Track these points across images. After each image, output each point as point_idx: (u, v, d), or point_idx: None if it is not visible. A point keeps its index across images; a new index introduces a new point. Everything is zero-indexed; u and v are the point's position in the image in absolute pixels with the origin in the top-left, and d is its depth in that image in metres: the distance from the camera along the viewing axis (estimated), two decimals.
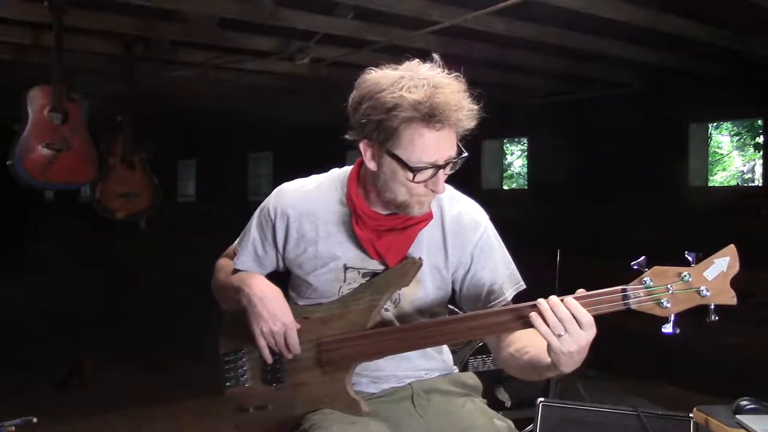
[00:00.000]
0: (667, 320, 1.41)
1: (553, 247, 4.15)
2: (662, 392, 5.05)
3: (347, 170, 1.71)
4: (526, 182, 8.71)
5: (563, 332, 1.38)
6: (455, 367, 1.85)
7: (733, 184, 13.62)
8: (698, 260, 1.41)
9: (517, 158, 14.61)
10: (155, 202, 5.00)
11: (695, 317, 1.47)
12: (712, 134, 10.61)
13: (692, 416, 2.39)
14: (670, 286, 1.40)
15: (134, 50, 4.66)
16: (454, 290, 1.73)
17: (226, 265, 1.84)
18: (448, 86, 1.48)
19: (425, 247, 1.66)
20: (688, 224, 5.68)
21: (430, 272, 1.68)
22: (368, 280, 1.65)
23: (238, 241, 1.82)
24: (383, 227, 1.62)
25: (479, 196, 1.77)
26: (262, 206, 1.76)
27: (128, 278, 10.25)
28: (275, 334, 1.64)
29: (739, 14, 4.27)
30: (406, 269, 1.62)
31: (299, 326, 1.66)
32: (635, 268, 1.43)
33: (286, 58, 5.01)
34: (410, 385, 1.72)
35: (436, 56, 1.54)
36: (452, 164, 1.54)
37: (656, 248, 1.47)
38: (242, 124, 9.61)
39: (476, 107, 1.51)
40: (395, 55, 1.57)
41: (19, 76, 4.81)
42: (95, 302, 8.90)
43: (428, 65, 1.52)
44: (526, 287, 1.71)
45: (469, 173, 7.46)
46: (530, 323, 1.45)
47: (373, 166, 1.57)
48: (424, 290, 1.68)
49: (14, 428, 2.53)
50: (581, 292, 1.44)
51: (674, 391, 5.15)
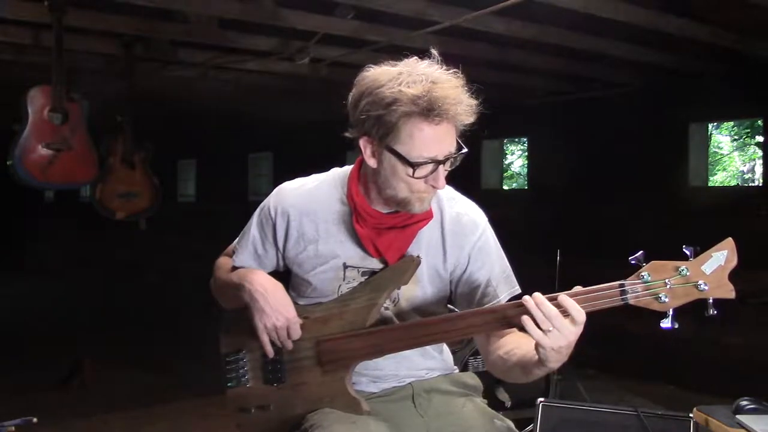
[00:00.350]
0: (665, 315, 1.41)
1: (553, 247, 4.15)
2: (662, 392, 5.06)
3: (348, 169, 1.71)
4: (526, 182, 8.70)
5: (551, 328, 1.37)
6: (455, 367, 1.85)
7: (733, 184, 13.61)
8: (696, 254, 1.40)
9: (517, 158, 14.61)
10: (155, 202, 5.00)
11: (695, 318, 1.47)
12: (712, 134, 10.60)
13: (692, 416, 2.39)
14: (668, 280, 1.40)
15: (134, 50, 4.66)
16: (450, 290, 1.73)
17: (225, 263, 1.84)
18: (446, 81, 1.48)
19: (424, 246, 1.66)
20: (688, 224, 5.67)
21: (428, 272, 1.68)
22: (367, 278, 1.66)
23: (237, 240, 1.82)
24: (384, 225, 1.62)
25: (479, 196, 1.77)
26: (262, 205, 1.77)
27: (128, 278, 10.25)
28: (278, 329, 1.64)
29: (739, 14, 4.27)
30: (404, 267, 1.62)
31: (302, 321, 1.66)
32: (633, 263, 1.42)
33: (286, 58, 5.00)
34: (410, 384, 1.72)
35: (434, 52, 1.54)
36: (452, 160, 1.54)
37: (656, 248, 1.47)
38: (242, 124, 9.60)
39: (475, 102, 1.51)
40: (395, 55, 1.57)
41: (19, 76, 4.82)
42: (95, 302, 8.90)
43: (427, 62, 1.53)
44: (524, 281, 1.71)
45: (469, 173, 7.46)
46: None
47: (373, 162, 1.57)
48: (422, 290, 1.68)
49: (14, 428, 2.53)
50: (578, 288, 1.44)
51: (674, 391, 5.15)
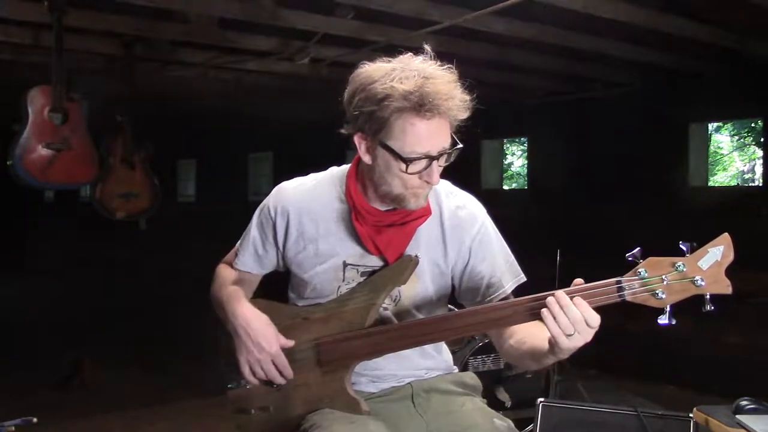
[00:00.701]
0: (662, 311, 1.41)
1: (553, 247, 4.15)
2: (662, 392, 5.06)
3: (346, 168, 1.71)
4: (526, 182, 8.70)
5: (573, 332, 1.39)
6: (455, 366, 1.85)
7: (733, 184, 13.62)
8: (692, 250, 1.40)
9: (517, 158, 14.61)
10: (155, 202, 5.00)
11: (695, 317, 1.47)
12: (712, 134, 10.60)
13: (692, 416, 2.39)
14: (664, 276, 1.40)
15: (134, 50, 4.66)
16: (453, 286, 1.72)
17: (223, 274, 1.83)
18: (439, 77, 1.48)
19: (424, 242, 1.66)
20: (688, 224, 5.67)
21: (429, 267, 1.68)
22: (366, 278, 1.65)
23: (239, 242, 1.83)
24: (383, 223, 1.63)
25: (479, 196, 1.76)
26: (262, 205, 1.77)
27: (128, 278, 10.24)
28: (262, 362, 1.66)
29: (739, 14, 4.27)
30: (402, 267, 1.62)
31: (292, 343, 1.66)
32: (630, 259, 1.42)
33: (286, 58, 5.00)
34: (410, 384, 1.72)
35: (427, 47, 1.54)
36: (446, 155, 1.53)
37: (656, 248, 1.47)
38: (242, 124, 9.60)
39: (469, 98, 1.51)
40: (395, 55, 1.57)
41: (19, 76, 4.81)
42: (95, 302, 8.89)
43: (421, 58, 1.53)
44: (526, 279, 1.71)
45: (469, 173, 7.46)
46: (527, 318, 1.47)
47: (367, 159, 1.57)
48: (423, 286, 1.68)
49: (14, 428, 2.53)
50: (578, 282, 1.44)
51: (674, 391, 5.15)
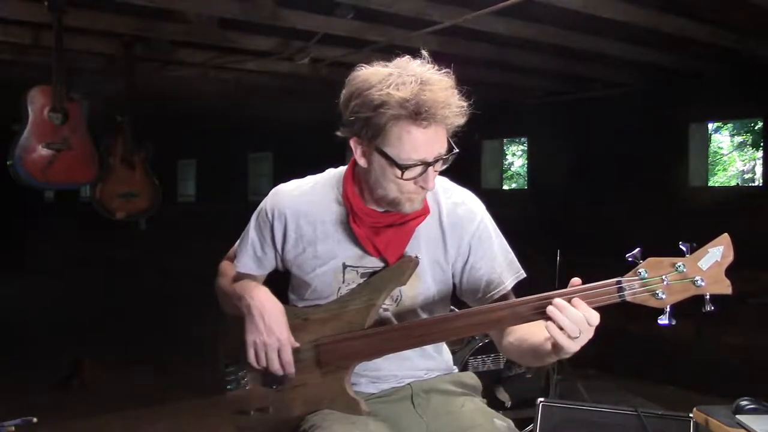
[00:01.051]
0: (662, 312, 1.41)
1: (553, 246, 4.16)
2: (662, 392, 5.06)
3: (343, 170, 1.71)
4: (526, 182, 8.70)
5: (578, 333, 1.39)
6: (455, 367, 1.85)
7: (733, 184, 13.62)
8: (692, 250, 1.40)
9: (517, 158, 14.61)
10: (155, 202, 4.99)
11: (695, 318, 1.47)
12: (712, 134, 10.59)
13: (692, 416, 2.40)
14: (664, 276, 1.40)
15: (134, 50, 4.66)
16: (454, 284, 1.72)
17: (228, 269, 1.83)
18: (436, 83, 1.47)
19: (424, 241, 1.66)
20: (688, 224, 5.67)
21: (430, 266, 1.67)
22: (366, 279, 1.65)
23: (238, 243, 1.82)
24: (381, 224, 1.62)
25: (479, 196, 1.75)
26: (259, 208, 1.76)
27: (128, 278, 10.24)
28: (268, 347, 1.63)
29: (739, 14, 4.26)
30: (402, 268, 1.61)
31: (297, 345, 1.65)
32: (630, 260, 1.42)
33: (286, 58, 5.00)
34: (410, 384, 1.72)
35: (424, 53, 1.53)
36: (442, 161, 1.53)
37: (656, 248, 1.47)
38: (242, 124, 9.60)
39: (466, 104, 1.50)
40: (395, 55, 1.56)
41: (19, 76, 4.81)
42: (95, 302, 8.89)
43: (418, 61, 1.51)
44: (526, 277, 1.71)
45: (469, 173, 7.46)
46: (528, 318, 1.47)
47: (363, 162, 1.57)
48: (425, 285, 1.68)
49: (14, 428, 2.53)
50: (576, 281, 1.44)
51: (674, 391, 5.15)
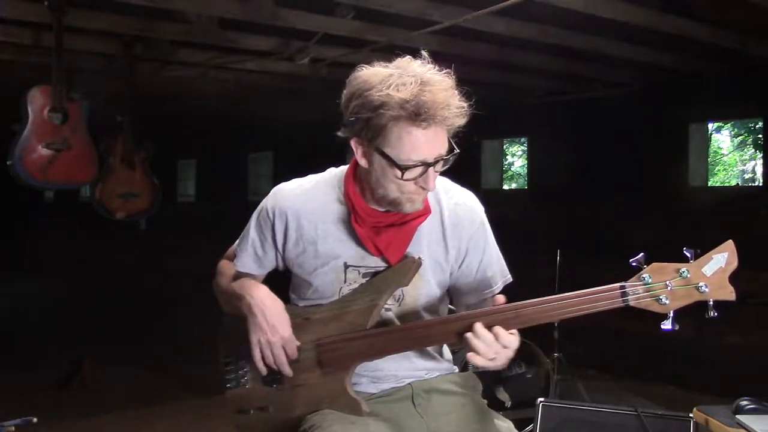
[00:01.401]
0: (666, 317, 1.41)
1: (553, 247, 4.16)
2: (662, 392, 5.06)
3: (344, 169, 1.71)
4: (526, 182, 8.70)
5: (494, 355, 1.47)
6: (455, 367, 1.85)
7: (733, 184, 13.62)
8: (697, 256, 1.41)
9: (517, 158, 14.62)
10: (155, 202, 5.00)
11: (695, 319, 1.47)
12: (712, 134, 10.60)
13: (692, 416, 2.39)
14: (668, 282, 1.40)
15: (134, 50, 4.66)
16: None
17: (227, 268, 1.83)
18: (436, 84, 1.47)
19: (425, 241, 1.66)
20: (688, 224, 5.67)
21: (431, 266, 1.67)
22: (368, 279, 1.65)
23: (237, 242, 1.82)
24: (382, 224, 1.62)
25: (479, 196, 1.75)
26: (260, 207, 1.76)
27: (128, 278, 10.25)
28: (273, 345, 1.64)
29: (739, 14, 4.27)
30: (405, 268, 1.61)
31: (299, 343, 1.66)
32: (634, 265, 1.43)
33: (286, 58, 5.00)
34: (410, 385, 1.72)
35: (424, 53, 1.53)
36: (443, 161, 1.53)
37: (656, 248, 1.47)
38: (242, 124, 9.61)
39: (466, 104, 1.50)
40: (395, 55, 1.56)
41: (19, 76, 4.82)
42: (95, 302, 8.90)
43: (419, 62, 1.51)
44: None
45: (469, 173, 7.45)
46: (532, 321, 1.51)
47: (364, 163, 1.57)
48: (427, 285, 1.68)
49: (14, 428, 2.53)
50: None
51: (674, 391, 5.15)
